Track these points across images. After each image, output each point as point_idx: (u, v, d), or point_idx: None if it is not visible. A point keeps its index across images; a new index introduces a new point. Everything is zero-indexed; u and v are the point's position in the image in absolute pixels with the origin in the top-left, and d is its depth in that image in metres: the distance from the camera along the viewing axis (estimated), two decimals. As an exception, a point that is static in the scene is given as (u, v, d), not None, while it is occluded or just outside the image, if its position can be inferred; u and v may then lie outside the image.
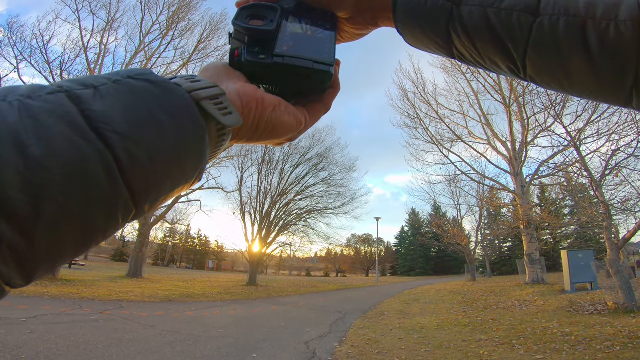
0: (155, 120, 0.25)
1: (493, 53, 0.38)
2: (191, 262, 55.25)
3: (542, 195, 29.47)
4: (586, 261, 10.31)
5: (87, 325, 5.40)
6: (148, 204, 0.26)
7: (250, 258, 18.66)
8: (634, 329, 4.91)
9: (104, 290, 9.89)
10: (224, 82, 0.36)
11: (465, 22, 0.37)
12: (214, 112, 0.30)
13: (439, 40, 0.40)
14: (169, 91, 0.27)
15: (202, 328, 5.87)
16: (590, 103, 9.54)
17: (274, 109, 0.37)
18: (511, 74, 0.39)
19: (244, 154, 19.48)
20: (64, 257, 0.22)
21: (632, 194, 7.96)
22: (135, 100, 0.25)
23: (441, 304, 10.38)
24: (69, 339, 4.44)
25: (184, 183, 0.29)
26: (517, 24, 0.35)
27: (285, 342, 5.16)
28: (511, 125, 16.53)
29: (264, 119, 0.36)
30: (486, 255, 31.04)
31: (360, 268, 63.20)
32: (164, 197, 0.27)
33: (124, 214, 0.24)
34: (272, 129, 0.37)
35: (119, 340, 4.63)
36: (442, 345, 4.93)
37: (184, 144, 0.27)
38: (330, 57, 0.40)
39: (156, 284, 13.87)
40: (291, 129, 0.39)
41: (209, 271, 45.31)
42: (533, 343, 4.73)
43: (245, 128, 0.36)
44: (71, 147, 0.21)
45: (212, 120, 0.30)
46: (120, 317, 6.36)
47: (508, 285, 14.78)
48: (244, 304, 10.20)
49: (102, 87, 0.24)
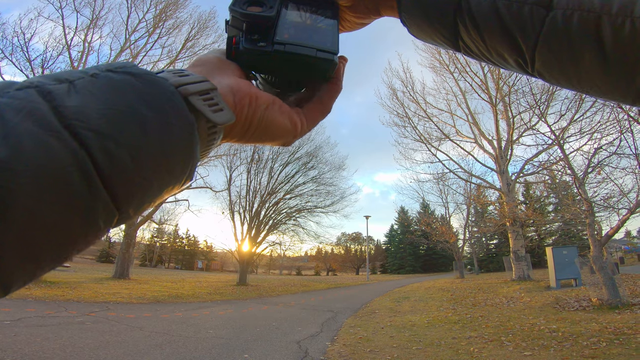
0: (137, 116, 0.23)
1: (501, 46, 0.37)
2: (180, 263, 54.54)
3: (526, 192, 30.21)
4: (570, 258, 10.59)
5: (73, 327, 5.26)
6: (133, 207, 0.23)
7: (240, 258, 18.52)
8: (618, 325, 5.04)
9: (89, 292, 9.65)
10: (216, 77, 0.33)
11: (473, 13, 0.36)
12: (204, 108, 0.28)
13: (444, 31, 0.39)
14: (153, 84, 0.25)
15: (192, 329, 5.79)
16: (574, 102, 9.81)
17: (267, 107, 0.34)
18: (518, 68, 0.38)
19: (232, 152, 19.34)
20: (43, 267, 0.21)
21: (614, 191, 8.21)
22: (114, 95, 0.23)
23: (431, 301, 10.51)
24: (54, 341, 4.32)
25: (174, 184, 0.26)
26: (528, 16, 0.34)
27: (277, 341, 5.13)
28: (497, 124, 16.86)
29: (256, 118, 0.34)
30: (474, 253, 31.61)
31: (350, 266, 63.51)
32: (152, 199, 0.25)
33: (106, 219, 0.22)
34: (265, 129, 0.35)
35: (107, 342, 4.52)
36: (432, 342, 4.99)
37: (171, 141, 0.24)
38: (334, 45, 0.39)
39: (144, 285, 13.62)
40: (285, 131, 0.36)
41: (198, 271, 44.82)
42: (521, 339, 4.82)
43: (237, 126, 0.33)
44: (40, 147, 0.19)
45: (202, 117, 0.28)
46: (107, 318, 6.22)
47: (495, 282, 15.07)
48: (235, 304, 10.12)
49: (77, 82, 0.22)
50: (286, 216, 21.18)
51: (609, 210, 8.08)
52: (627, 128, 6.77)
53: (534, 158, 14.33)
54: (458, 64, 17.31)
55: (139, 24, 15.26)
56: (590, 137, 9.46)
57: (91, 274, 17.88)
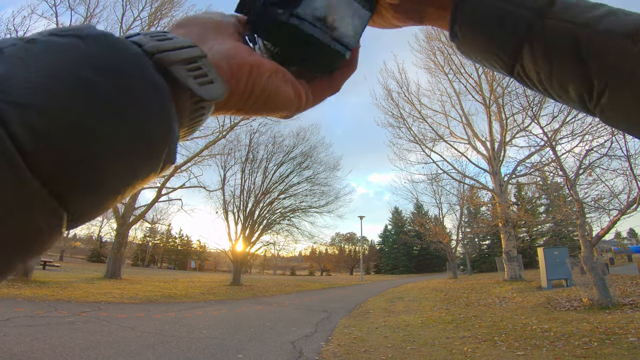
0: (80, 83, 0.18)
1: (568, 76, 0.34)
2: (172, 263, 54.08)
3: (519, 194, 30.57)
4: (561, 258, 10.72)
5: (63, 327, 5.16)
6: (87, 202, 0.19)
7: (233, 257, 18.42)
8: (609, 325, 5.10)
9: (80, 292, 9.50)
10: (209, 41, 0.29)
11: (546, 38, 0.34)
12: (188, 80, 0.23)
13: (503, 54, 0.36)
14: (109, 47, 0.20)
15: (185, 329, 5.73)
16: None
17: (270, 75, 0.30)
18: (578, 102, 0.36)
19: (227, 152, 19.23)
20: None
21: (605, 193, 8.34)
22: (52, 61, 0.18)
23: (424, 301, 10.56)
24: (44, 341, 4.23)
25: (146, 169, 0.21)
26: (612, 50, 0.32)
27: (271, 342, 5.10)
28: (490, 126, 17.03)
29: (258, 87, 0.30)
30: (467, 253, 31.89)
31: (344, 267, 63.61)
32: (115, 190, 0.20)
33: (48, 218, 0.17)
34: (267, 100, 0.31)
35: (97, 342, 4.45)
36: (427, 342, 5.00)
37: (134, 114, 0.19)
38: (355, 39, 0.35)
39: (136, 284, 13.46)
40: (289, 102, 0.33)
41: (191, 271, 44.48)
42: (514, 339, 4.86)
43: (235, 97, 0.29)
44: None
45: (186, 91, 0.24)
46: (98, 319, 6.12)
47: (488, 282, 15.20)
48: (228, 304, 10.05)
49: (7, 49, 0.18)
50: (280, 216, 21.13)
51: (599, 211, 8.22)
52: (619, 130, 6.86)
53: (527, 159, 14.52)
54: (453, 65, 17.47)
55: (134, 22, 15.10)
56: (582, 139, 9.62)
57: (82, 273, 17.63)
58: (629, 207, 6.62)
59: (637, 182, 6.29)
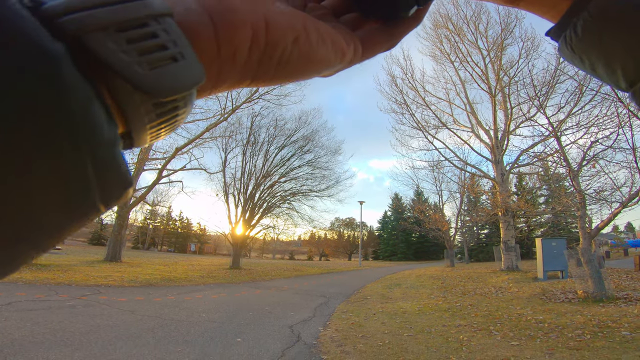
0: None
1: None
2: (172, 245, 54.68)
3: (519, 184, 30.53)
4: (559, 249, 10.77)
5: (64, 311, 5.23)
6: None
7: (233, 241, 18.57)
8: (603, 318, 5.15)
9: (81, 275, 9.60)
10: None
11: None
12: (118, 59, 0.14)
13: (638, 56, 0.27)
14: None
15: (185, 313, 5.80)
16: (574, 96, 9.78)
17: (297, 38, 0.21)
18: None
19: (228, 134, 19.12)
20: None
21: (607, 185, 8.30)
22: None
23: (422, 289, 10.69)
24: (45, 325, 4.29)
25: (57, 205, 0.13)
26: None
27: (269, 326, 5.17)
28: (495, 114, 16.83)
29: (273, 60, 0.21)
30: (464, 242, 32.10)
31: (343, 252, 64.33)
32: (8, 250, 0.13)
33: None
34: (295, 67, 0.22)
35: (98, 326, 4.50)
36: (423, 329, 5.07)
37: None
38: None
39: (136, 268, 13.62)
40: (326, 63, 0.24)
41: (191, 254, 45.02)
42: (509, 329, 4.92)
43: (232, 74, 0.20)
44: None
45: (114, 77, 0.15)
46: (98, 302, 6.20)
47: (485, 272, 15.37)
48: (228, 287, 10.18)
49: None
50: (281, 199, 21.20)
51: (600, 203, 8.20)
52: (626, 122, 6.78)
53: (530, 149, 14.41)
54: (459, 53, 17.10)
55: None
56: (587, 131, 9.50)
57: (83, 256, 17.82)
58: (630, 199, 6.59)
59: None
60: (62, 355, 3.35)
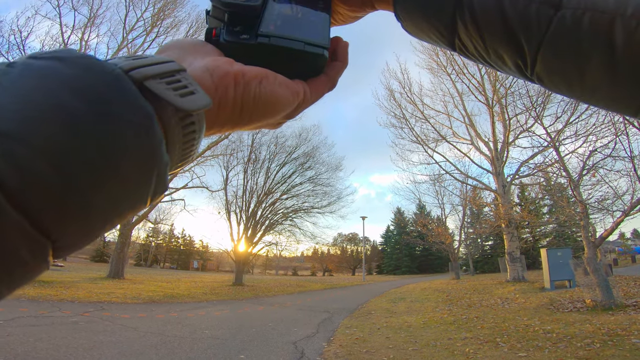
0: (60, 109, 0.17)
1: (501, 46, 0.35)
2: (175, 262, 54.27)
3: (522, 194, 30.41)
4: (565, 259, 10.66)
5: (67, 327, 5.21)
6: (72, 234, 0.18)
7: (236, 258, 18.46)
8: (612, 326, 5.08)
9: (83, 292, 9.56)
10: (188, 59, 0.29)
11: (475, 9, 0.34)
12: (166, 92, 0.22)
13: (441, 28, 0.37)
14: (87, 69, 0.19)
15: (188, 329, 5.75)
16: (569, 105, 9.90)
17: (261, 81, 0.30)
18: (517, 71, 0.36)
19: (229, 152, 19.30)
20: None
21: (609, 194, 8.29)
22: (30, 86, 0.17)
23: (427, 302, 10.54)
24: (48, 341, 4.27)
25: (134, 198, 0.20)
26: (534, 15, 0.32)
27: (273, 342, 5.11)
28: (493, 126, 16.98)
29: (249, 96, 0.29)
30: (469, 254, 31.74)
31: (346, 267, 63.55)
32: (102, 221, 0.19)
33: (31, 249, 0.16)
34: (264, 107, 0.30)
35: (101, 342, 4.48)
36: (428, 343, 4.99)
37: (116, 140, 0.18)
38: (325, 39, 0.36)
39: (139, 284, 13.53)
40: (287, 103, 0.32)
41: (194, 271, 44.62)
42: (516, 341, 4.84)
43: (226, 111, 0.29)
44: None
45: (167, 106, 0.22)
46: (101, 319, 6.16)
47: (490, 283, 15.14)
48: (231, 304, 10.07)
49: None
50: (283, 216, 21.16)
51: (603, 213, 8.16)
52: (623, 131, 6.84)
53: (530, 160, 14.45)
54: (455, 65, 17.41)
55: (137, 23, 15.23)
56: (585, 140, 9.57)
57: (85, 273, 17.73)
58: (632, 208, 6.58)
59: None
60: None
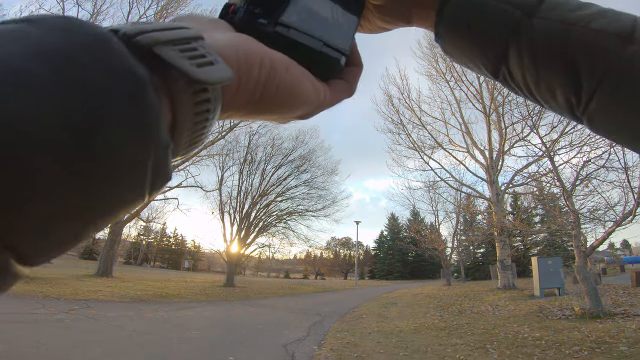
0: (16, 76, 0.13)
1: (556, 79, 0.32)
2: (166, 262, 53.67)
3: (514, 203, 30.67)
4: (555, 267, 10.75)
5: (51, 325, 5.08)
6: (38, 242, 0.14)
7: (228, 258, 18.30)
8: (600, 334, 5.11)
9: (70, 289, 9.37)
10: (206, 31, 0.25)
11: (535, 37, 0.32)
12: (179, 60, 0.19)
13: (490, 55, 0.35)
14: (62, 30, 0.15)
15: (176, 329, 5.65)
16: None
17: (288, 68, 0.27)
18: (565, 108, 0.34)
19: (225, 152, 19.20)
20: None
21: (601, 204, 8.38)
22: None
23: (418, 307, 10.52)
24: (29, 339, 4.14)
25: (122, 192, 0.16)
26: (603, 49, 0.30)
27: (263, 344, 5.04)
28: (489, 134, 17.12)
29: (273, 82, 0.26)
30: (461, 261, 31.84)
31: (339, 271, 63.42)
32: (75, 224, 0.15)
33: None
34: (284, 97, 0.27)
35: (84, 341, 4.37)
36: (419, 349, 4.96)
37: (89, 112, 0.14)
38: (346, 44, 0.34)
39: (127, 283, 13.33)
40: (308, 98, 0.29)
41: (185, 271, 44.15)
42: (506, 347, 4.84)
43: (245, 93, 0.25)
44: None
45: (179, 78, 0.19)
46: (86, 317, 6.03)
47: (481, 290, 15.19)
48: (221, 305, 9.95)
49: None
50: (277, 218, 21.06)
51: (594, 222, 8.24)
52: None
53: (524, 169, 14.58)
54: (454, 72, 17.55)
55: (140, 20, 15.20)
56: (580, 150, 9.68)
57: (73, 270, 17.42)
58: (624, 218, 6.65)
59: (634, 194, 6.32)
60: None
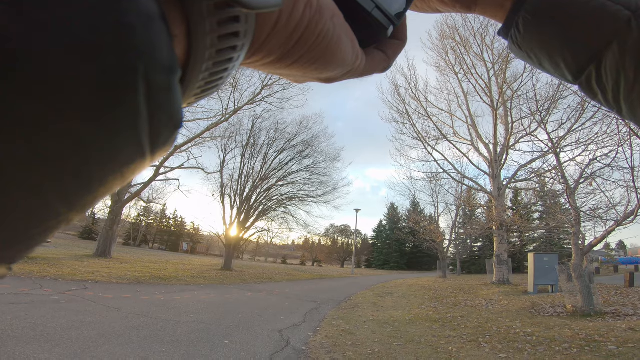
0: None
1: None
2: (164, 244, 54.14)
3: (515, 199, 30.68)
4: (551, 264, 10.80)
5: (47, 306, 5.11)
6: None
7: (227, 242, 18.41)
8: (590, 332, 5.15)
9: (68, 270, 9.44)
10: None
11: None
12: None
13: (580, 51, 0.31)
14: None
15: (173, 312, 5.70)
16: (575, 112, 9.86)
17: (333, 17, 0.23)
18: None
19: (228, 135, 19.11)
20: None
21: (602, 203, 8.33)
22: None
23: (413, 298, 10.63)
24: (25, 320, 4.17)
25: (101, 145, 0.11)
26: None
27: (258, 329, 5.08)
28: (495, 128, 16.95)
29: (315, 27, 0.22)
30: (458, 254, 32.11)
31: (336, 258, 64.06)
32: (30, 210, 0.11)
33: None
34: (322, 49, 0.23)
35: (80, 322, 4.40)
36: (413, 339, 5.01)
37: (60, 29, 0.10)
38: (399, 12, 0.30)
39: (125, 264, 13.44)
40: (345, 59, 0.25)
41: (183, 253, 44.58)
42: (497, 342, 4.88)
43: (283, 34, 0.20)
44: None
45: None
46: (83, 298, 6.07)
47: (476, 284, 15.33)
48: (218, 288, 10.05)
49: None
50: (277, 203, 21.11)
51: (595, 221, 8.21)
52: (626, 141, 6.81)
53: (528, 164, 14.46)
54: (464, 65, 17.25)
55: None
56: (586, 148, 9.57)
57: (72, 250, 17.56)
58: (625, 218, 6.61)
59: (638, 194, 6.27)
60: (40, 351, 3.26)
